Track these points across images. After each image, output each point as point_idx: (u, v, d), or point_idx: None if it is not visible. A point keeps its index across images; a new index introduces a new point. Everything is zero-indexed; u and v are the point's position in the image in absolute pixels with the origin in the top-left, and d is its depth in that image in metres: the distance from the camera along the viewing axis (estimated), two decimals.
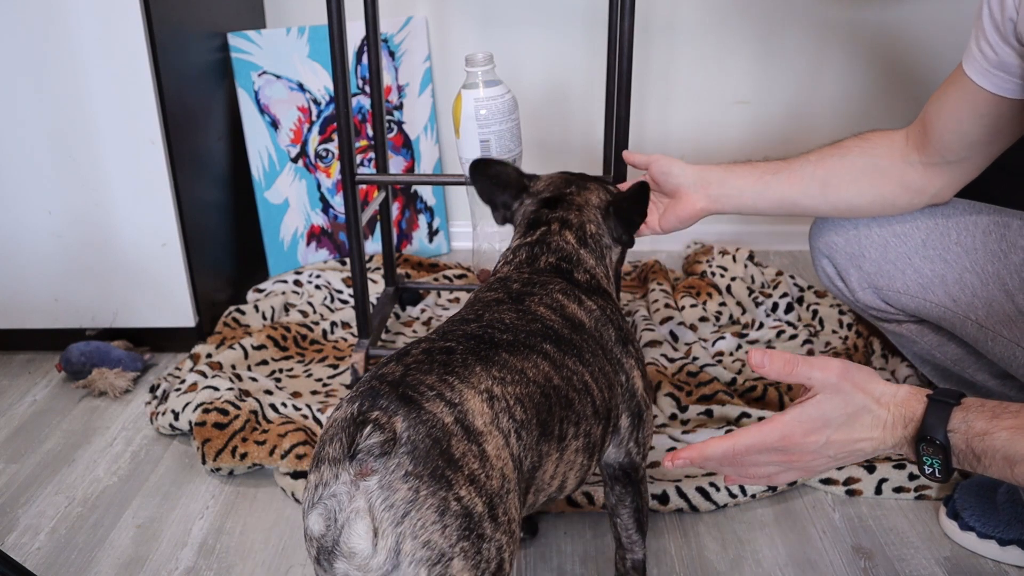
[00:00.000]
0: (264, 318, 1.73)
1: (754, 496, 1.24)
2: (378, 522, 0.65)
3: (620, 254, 1.09)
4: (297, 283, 1.85)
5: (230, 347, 1.58)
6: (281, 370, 1.58)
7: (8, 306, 1.62)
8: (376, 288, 1.81)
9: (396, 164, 2.01)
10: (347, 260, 1.99)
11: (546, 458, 0.81)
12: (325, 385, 1.53)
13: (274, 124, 1.88)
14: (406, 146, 2.02)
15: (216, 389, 1.41)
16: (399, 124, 2.00)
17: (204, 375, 1.47)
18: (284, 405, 1.41)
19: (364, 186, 1.54)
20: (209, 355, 1.55)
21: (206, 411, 1.36)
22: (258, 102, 1.85)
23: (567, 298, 0.94)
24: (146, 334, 1.65)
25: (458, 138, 1.29)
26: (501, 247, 1.38)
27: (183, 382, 1.46)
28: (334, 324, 1.72)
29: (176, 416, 1.39)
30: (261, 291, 1.83)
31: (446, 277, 1.89)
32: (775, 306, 1.73)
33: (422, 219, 2.08)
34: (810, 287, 1.81)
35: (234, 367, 1.53)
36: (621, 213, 1.03)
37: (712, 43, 1.95)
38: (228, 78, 1.81)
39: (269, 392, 1.47)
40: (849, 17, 1.91)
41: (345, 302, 1.81)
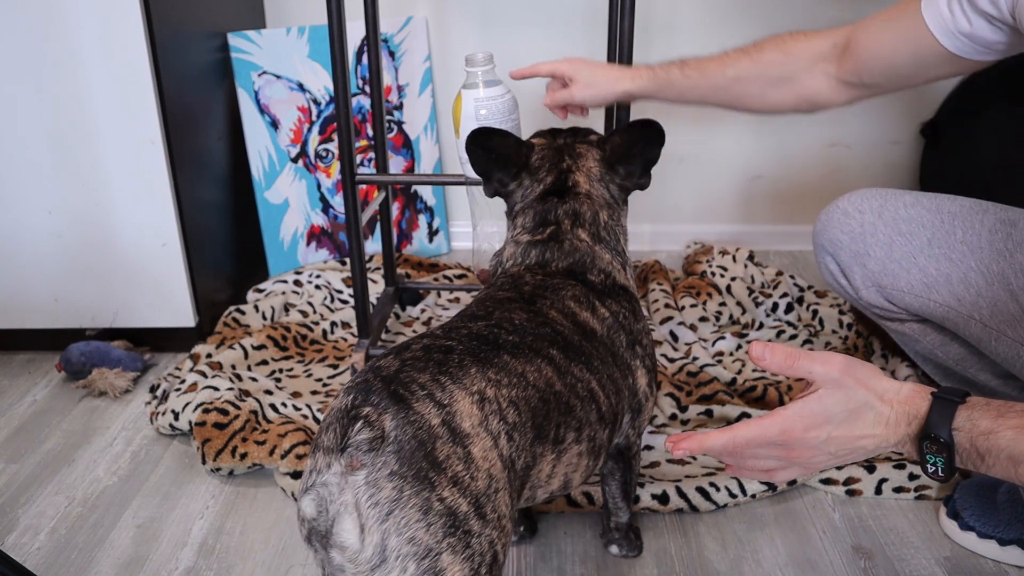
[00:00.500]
0: (264, 318, 1.73)
1: (754, 496, 1.24)
2: (364, 519, 0.67)
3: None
4: (297, 283, 1.85)
5: (230, 347, 1.58)
6: (281, 370, 1.58)
7: (8, 306, 1.62)
8: (376, 288, 1.81)
9: (396, 164, 2.01)
10: (347, 260, 1.99)
11: (541, 458, 0.82)
12: (325, 385, 1.53)
13: (274, 124, 1.88)
14: (406, 146, 2.02)
15: (216, 389, 1.41)
16: (399, 124, 2.00)
17: (204, 375, 1.47)
18: (284, 405, 1.41)
19: (364, 186, 1.54)
20: (209, 355, 1.55)
21: (206, 411, 1.36)
22: (258, 102, 1.85)
23: (579, 305, 0.93)
24: (146, 334, 1.65)
25: (458, 138, 1.29)
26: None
27: (183, 382, 1.46)
28: (334, 324, 1.72)
29: (176, 416, 1.39)
30: (261, 291, 1.83)
31: (446, 277, 1.89)
32: (775, 306, 1.73)
33: (422, 219, 2.08)
34: (810, 287, 1.81)
35: (234, 367, 1.53)
36: (626, 159, 1.03)
37: (712, 43, 1.94)
38: (228, 78, 1.81)
39: (269, 392, 1.47)
40: (849, 17, 1.89)
41: (345, 302, 1.81)
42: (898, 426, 0.73)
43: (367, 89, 1.80)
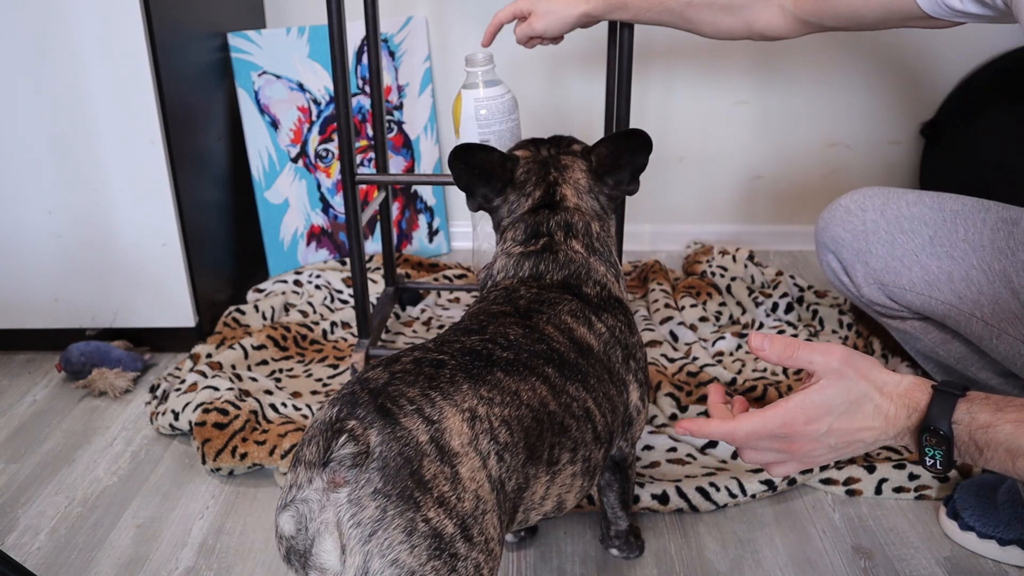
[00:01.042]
0: (264, 318, 1.73)
1: (754, 496, 1.24)
2: (346, 539, 0.65)
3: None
4: (297, 283, 1.85)
5: (230, 347, 1.58)
6: (281, 370, 1.58)
7: (8, 306, 1.62)
8: (376, 288, 1.81)
9: (396, 164, 2.01)
10: (347, 260, 1.99)
11: (534, 480, 0.80)
12: (325, 385, 1.53)
13: (274, 124, 1.88)
14: (406, 146, 2.02)
15: (216, 389, 1.41)
16: (399, 124, 2.00)
17: (204, 375, 1.47)
18: (284, 405, 1.41)
19: (364, 186, 1.54)
20: (209, 355, 1.55)
21: (206, 411, 1.36)
22: (258, 102, 1.85)
23: (576, 320, 0.92)
24: (146, 334, 1.65)
25: (458, 138, 1.28)
26: None
27: (183, 382, 1.46)
28: (334, 324, 1.72)
29: (176, 416, 1.39)
30: (261, 291, 1.83)
31: (446, 277, 1.89)
32: (775, 306, 1.73)
33: (422, 219, 2.08)
34: (810, 287, 1.81)
35: (234, 367, 1.53)
36: (613, 168, 1.02)
37: (712, 43, 1.95)
38: (228, 78, 1.81)
39: (269, 392, 1.47)
40: None
41: (345, 302, 1.81)
42: (897, 419, 0.72)
43: (367, 89, 1.80)
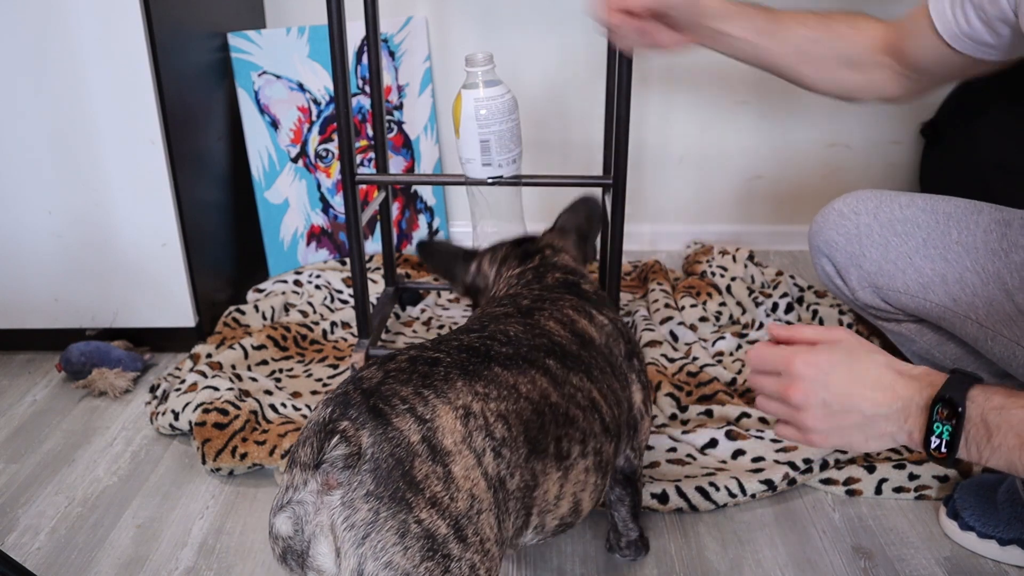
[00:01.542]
0: (264, 318, 1.73)
1: (754, 496, 1.24)
2: (340, 542, 0.65)
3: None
4: (297, 283, 1.85)
5: (230, 347, 1.58)
6: (281, 370, 1.58)
7: (8, 306, 1.62)
8: (376, 288, 1.81)
9: (396, 164, 2.01)
10: (347, 260, 1.99)
11: (543, 476, 0.79)
12: (325, 385, 1.53)
13: (274, 124, 1.88)
14: (406, 146, 2.02)
15: (216, 389, 1.41)
16: (399, 124, 2.00)
17: (204, 375, 1.47)
18: (284, 405, 1.41)
19: (364, 186, 1.54)
20: (209, 355, 1.55)
21: (206, 411, 1.36)
22: (258, 102, 1.85)
23: (578, 314, 0.93)
24: (146, 334, 1.65)
25: (458, 138, 1.29)
26: None
27: (183, 382, 1.46)
28: (334, 324, 1.72)
29: (176, 416, 1.39)
30: (261, 291, 1.83)
31: None
32: (775, 306, 1.73)
33: (422, 219, 2.08)
34: (810, 287, 1.81)
35: (234, 367, 1.53)
36: (583, 240, 1.12)
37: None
38: (228, 78, 1.81)
39: (269, 392, 1.47)
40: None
41: (345, 302, 1.81)
42: (906, 391, 0.73)
43: (367, 89, 1.80)
